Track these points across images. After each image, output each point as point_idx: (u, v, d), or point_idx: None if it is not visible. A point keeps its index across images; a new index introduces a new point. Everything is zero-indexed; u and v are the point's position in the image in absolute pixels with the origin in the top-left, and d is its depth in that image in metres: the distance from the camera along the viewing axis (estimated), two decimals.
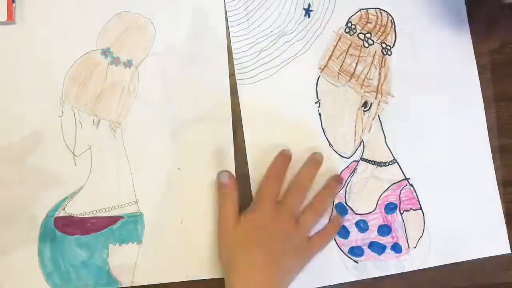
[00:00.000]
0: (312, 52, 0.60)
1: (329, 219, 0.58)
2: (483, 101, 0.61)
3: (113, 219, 0.56)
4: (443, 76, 0.61)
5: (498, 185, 0.60)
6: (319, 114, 0.59)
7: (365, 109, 0.60)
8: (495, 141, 0.61)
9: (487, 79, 0.61)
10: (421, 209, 0.59)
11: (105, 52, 0.57)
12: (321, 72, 0.60)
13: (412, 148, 0.60)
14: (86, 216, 0.56)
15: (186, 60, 0.58)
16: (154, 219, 0.56)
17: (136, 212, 0.56)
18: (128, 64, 0.57)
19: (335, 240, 0.58)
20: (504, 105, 0.61)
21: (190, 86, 0.58)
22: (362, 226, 0.59)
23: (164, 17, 0.58)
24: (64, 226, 0.55)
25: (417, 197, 0.59)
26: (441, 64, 0.61)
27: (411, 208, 0.59)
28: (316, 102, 0.59)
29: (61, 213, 0.55)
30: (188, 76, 0.58)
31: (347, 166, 0.59)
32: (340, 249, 0.58)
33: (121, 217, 0.56)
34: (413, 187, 0.60)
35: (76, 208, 0.56)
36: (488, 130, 0.61)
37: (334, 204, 0.58)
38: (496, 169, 0.60)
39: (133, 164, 0.56)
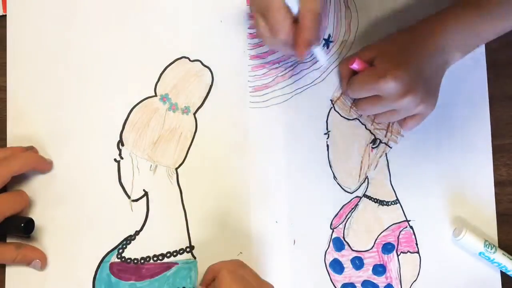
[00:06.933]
0: (327, 82, 0.59)
1: None
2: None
3: (168, 265, 0.55)
4: (456, 125, 0.60)
5: (498, 185, 0.60)
6: (327, 145, 0.59)
7: (374, 146, 0.60)
8: (496, 141, 0.60)
9: (487, 79, 0.61)
10: (418, 252, 0.59)
11: (164, 98, 0.57)
12: (333, 104, 0.59)
13: (416, 191, 0.59)
14: (141, 261, 0.55)
15: (241, 108, 0.58)
16: (208, 266, 0.54)
17: (190, 259, 0.55)
18: (186, 110, 0.57)
19: (329, 275, 0.57)
20: (504, 105, 0.61)
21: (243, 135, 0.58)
22: (357, 263, 0.58)
23: (222, 65, 0.58)
24: (119, 271, 0.54)
25: (416, 241, 0.59)
26: (455, 109, 0.61)
27: (408, 251, 0.59)
28: (325, 133, 0.59)
29: (116, 259, 0.54)
30: (243, 124, 0.58)
31: (349, 201, 0.59)
32: (333, 284, 0.57)
33: (176, 263, 0.55)
34: (413, 229, 0.59)
35: (132, 254, 0.55)
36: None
37: (332, 238, 0.58)
38: (496, 169, 0.60)
39: (188, 211, 0.56)
